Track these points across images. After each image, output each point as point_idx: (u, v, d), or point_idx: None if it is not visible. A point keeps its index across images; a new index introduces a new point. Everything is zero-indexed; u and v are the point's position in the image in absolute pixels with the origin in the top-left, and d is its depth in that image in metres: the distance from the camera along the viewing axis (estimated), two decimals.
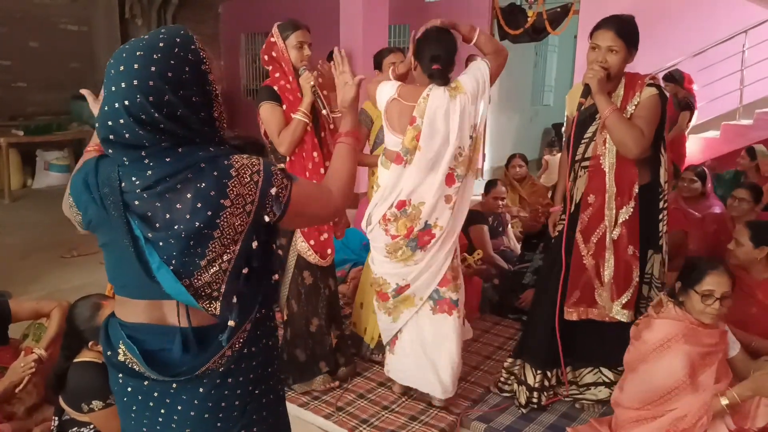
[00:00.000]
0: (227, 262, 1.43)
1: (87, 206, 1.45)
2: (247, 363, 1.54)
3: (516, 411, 3.20)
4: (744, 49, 6.83)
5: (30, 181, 8.92)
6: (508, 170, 6.16)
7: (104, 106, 1.38)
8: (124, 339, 1.47)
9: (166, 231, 1.36)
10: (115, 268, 1.49)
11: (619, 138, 2.77)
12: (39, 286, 4.91)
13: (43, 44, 9.88)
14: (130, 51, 1.37)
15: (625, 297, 2.96)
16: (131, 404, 1.54)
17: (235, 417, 1.54)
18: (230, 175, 1.40)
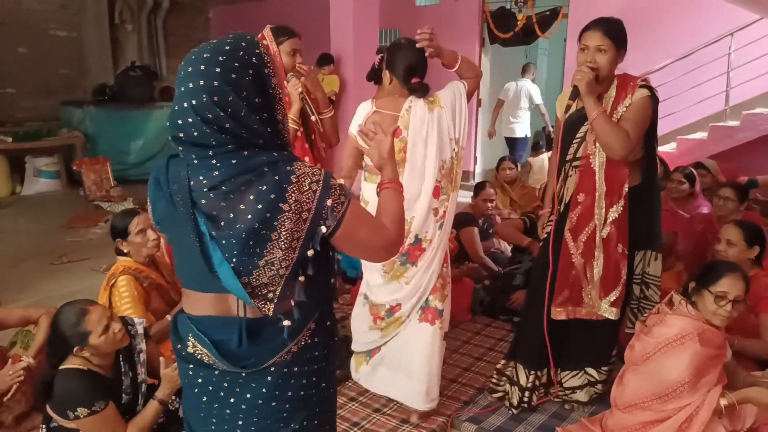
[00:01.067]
0: (285, 267, 1.50)
1: (156, 203, 1.56)
2: (311, 355, 1.64)
3: (506, 412, 3.21)
4: (730, 51, 6.86)
5: (19, 188, 8.87)
6: (498, 173, 6.18)
7: (174, 105, 1.47)
8: (193, 332, 1.57)
9: (228, 230, 1.45)
10: (182, 262, 1.61)
11: (605, 140, 2.79)
12: (29, 293, 4.88)
13: (32, 50, 9.87)
14: (199, 54, 1.46)
15: (614, 295, 2.98)
16: (202, 394, 1.63)
17: (299, 406, 1.64)
18: (290, 180, 1.48)
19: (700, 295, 2.65)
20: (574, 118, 2.99)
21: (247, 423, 1.62)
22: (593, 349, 3.17)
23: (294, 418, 1.64)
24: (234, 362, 1.54)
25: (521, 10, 8.71)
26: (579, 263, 3.00)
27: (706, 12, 7.16)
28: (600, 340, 3.14)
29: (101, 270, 5.41)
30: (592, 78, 2.76)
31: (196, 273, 1.52)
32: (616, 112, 2.83)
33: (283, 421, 1.63)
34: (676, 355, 2.58)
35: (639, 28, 7.32)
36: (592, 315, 3.03)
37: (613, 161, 2.86)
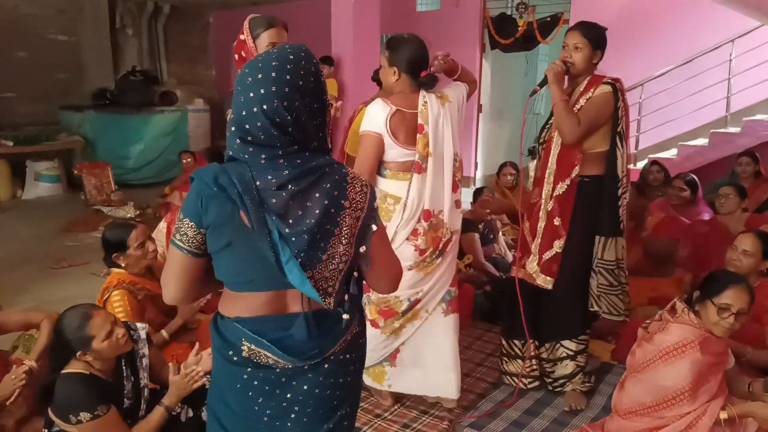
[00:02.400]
0: (344, 262, 1.60)
1: (210, 205, 1.54)
2: (359, 344, 1.78)
3: (508, 418, 3.20)
4: (731, 57, 6.88)
5: (20, 191, 8.86)
6: (499, 178, 6.19)
7: (242, 110, 1.54)
8: (247, 335, 1.61)
9: (297, 226, 1.52)
10: (239, 264, 1.59)
11: (558, 124, 3.11)
12: (28, 297, 4.87)
13: (31, 55, 9.89)
14: (266, 62, 1.54)
15: (543, 259, 3.20)
16: (257, 396, 1.67)
17: (348, 391, 1.76)
18: (347, 180, 1.62)
19: (703, 304, 2.64)
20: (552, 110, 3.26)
21: (300, 414, 1.69)
22: (563, 321, 3.32)
23: (343, 404, 1.75)
24: (297, 356, 1.62)
25: (522, 16, 8.72)
26: (527, 229, 3.33)
27: (706, 19, 7.18)
28: (567, 311, 3.29)
29: (101, 274, 5.39)
30: (561, 70, 3.09)
31: (258, 273, 1.58)
32: (578, 104, 3.08)
33: (332, 409, 1.72)
34: (676, 362, 2.57)
35: (639, 34, 7.36)
36: (531, 279, 3.26)
37: (566, 147, 3.12)
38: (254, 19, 2.89)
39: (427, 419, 3.18)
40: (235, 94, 1.56)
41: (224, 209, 1.53)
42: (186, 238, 1.57)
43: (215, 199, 1.53)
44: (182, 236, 1.58)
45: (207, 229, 1.57)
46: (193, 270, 1.62)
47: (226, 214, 1.53)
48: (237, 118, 1.55)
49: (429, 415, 3.21)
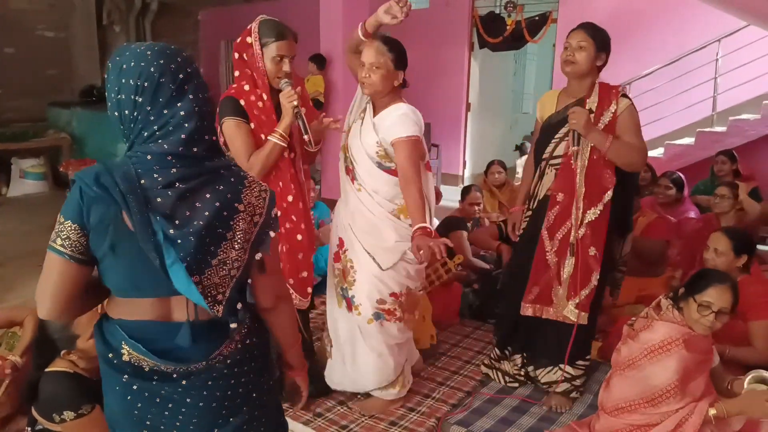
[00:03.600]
0: (236, 268, 1.53)
1: (91, 207, 1.44)
2: (250, 353, 1.66)
3: (495, 415, 3.21)
4: (717, 57, 6.92)
5: (5, 189, 8.78)
6: (487, 177, 6.20)
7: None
8: (126, 339, 1.52)
9: (185, 228, 1.44)
10: (124, 269, 1.49)
11: (625, 162, 2.96)
12: (15, 294, 4.83)
13: (19, 50, 9.81)
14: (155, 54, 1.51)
15: (579, 297, 3.05)
16: (136, 402, 1.57)
17: (239, 402, 1.65)
18: (244, 184, 1.56)
19: (686, 301, 2.64)
20: (554, 120, 3.09)
21: (185, 423, 1.60)
22: (564, 346, 3.19)
23: (235, 415, 1.65)
24: (178, 362, 1.53)
25: (510, 15, 8.73)
26: (553, 262, 3.09)
27: (693, 18, 7.22)
28: (570, 337, 3.17)
29: None
30: (587, 114, 2.87)
31: (143, 277, 1.49)
32: (600, 122, 2.94)
33: (223, 418, 1.63)
34: (662, 360, 2.58)
35: (627, 33, 7.39)
36: (558, 316, 3.11)
37: (596, 165, 2.95)
38: (265, 23, 2.75)
39: (415, 416, 3.19)
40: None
41: (107, 211, 1.44)
42: (69, 242, 1.45)
43: (97, 201, 1.43)
44: (64, 240, 1.45)
45: (90, 232, 1.46)
46: (74, 278, 1.48)
47: (109, 216, 1.44)
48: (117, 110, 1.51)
49: (416, 412, 3.22)
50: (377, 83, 2.85)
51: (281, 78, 2.77)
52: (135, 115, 1.48)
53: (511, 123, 11.54)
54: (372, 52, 2.84)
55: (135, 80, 1.45)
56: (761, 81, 6.75)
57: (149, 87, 1.46)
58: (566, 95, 3.09)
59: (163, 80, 1.46)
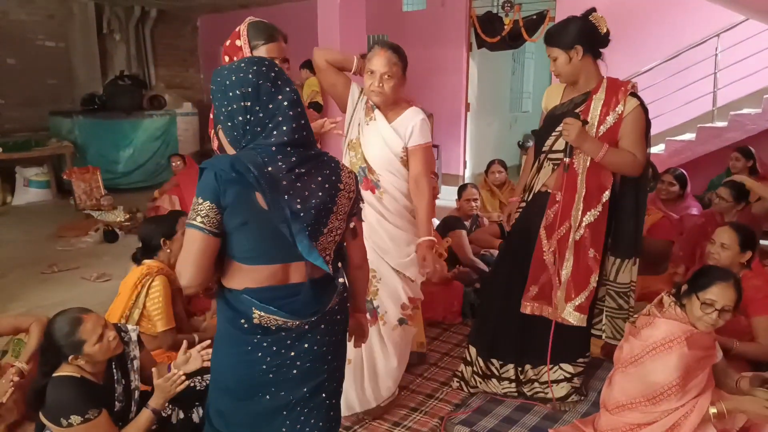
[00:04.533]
0: (338, 235, 1.93)
1: (228, 189, 1.73)
2: (345, 307, 2.06)
3: (498, 414, 3.22)
4: (717, 52, 6.92)
5: (10, 198, 8.83)
6: (487, 176, 6.21)
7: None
8: (257, 304, 1.82)
9: (305, 203, 1.79)
10: (254, 240, 1.80)
11: (617, 170, 2.95)
12: (19, 303, 4.86)
13: (20, 61, 9.87)
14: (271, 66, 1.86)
15: (579, 299, 3.03)
16: (265, 356, 1.89)
17: (338, 347, 2.04)
18: (340, 168, 1.94)
19: (689, 298, 2.64)
20: (556, 113, 3.06)
21: (300, 369, 1.93)
22: (564, 344, 3.20)
23: (334, 358, 2.02)
24: (302, 317, 1.86)
25: (508, 15, 8.74)
26: (549, 261, 3.06)
27: (692, 13, 7.22)
28: (571, 336, 3.18)
29: (92, 278, 5.41)
30: (577, 126, 2.83)
31: (270, 246, 1.81)
32: (606, 122, 2.90)
33: (326, 363, 1.98)
34: (663, 358, 2.58)
35: (626, 30, 7.38)
36: (556, 317, 3.08)
37: (596, 166, 2.92)
38: (254, 26, 2.72)
39: (418, 417, 3.20)
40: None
41: (241, 192, 1.74)
42: (207, 219, 1.72)
43: (233, 183, 1.73)
44: (203, 218, 1.72)
45: (224, 210, 1.74)
46: (212, 249, 1.77)
47: (243, 196, 1.74)
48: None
49: (420, 412, 3.24)
50: (389, 92, 2.92)
51: None
52: (248, 118, 1.79)
53: (510, 122, 11.56)
54: (384, 61, 2.88)
55: (239, 90, 1.77)
56: (761, 75, 6.74)
57: (253, 90, 1.77)
58: (572, 88, 3.05)
59: (260, 82, 1.78)
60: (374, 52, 2.91)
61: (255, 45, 2.70)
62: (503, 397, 3.34)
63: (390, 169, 3.00)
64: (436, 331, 4.26)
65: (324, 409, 2.03)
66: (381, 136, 2.97)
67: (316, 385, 1.98)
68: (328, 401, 2.04)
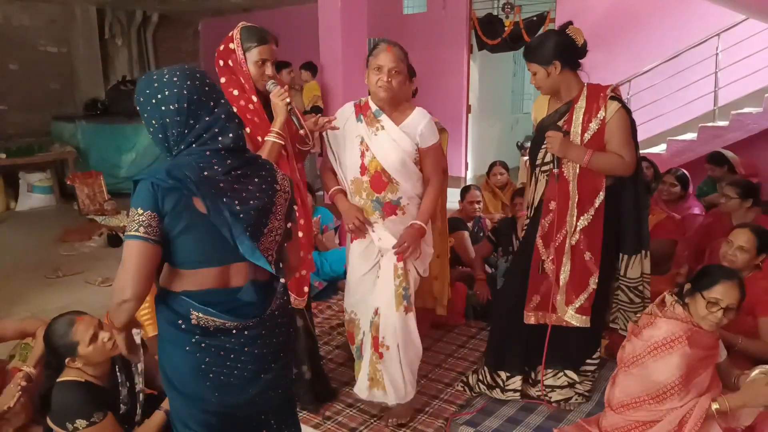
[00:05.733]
0: (279, 234, 1.97)
1: (166, 196, 1.74)
2: (287, 311, 2.06)
3: (503, 414, 3.23)
4: (717, 52, 6.93)
5: (13, 203, 8.85)
6: (489, 178, 6.22)
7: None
8: (194, 306, 1.83)
9: (244, 205, 1.82)
10: (195, 244, 1.81)
11: (607, 173, 2.97)
12: (24, 307, 4.88)
13: (22, 66, 9.91)
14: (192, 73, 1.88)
15: (579, 302, 3.06)
16: (204, 357, 1.87)
17: (281, 348, 2.02)
18: (275, 170, 2.00)
19: (693, 297, 2.64)
20: (545, 125, 3.10)
21: (242, 370, 1.91)
22: (568, 350, 3.24)
23: (276, 360, 2.00)
24: (241, 318, 1.87)
25: (508, 17, 8.77)
26: (550, 269, 3.10)
27: (692, 13, 7.24)
28: (574, 341, 3.20)
29: (96, 283, 5.43)
30: (559, 137, 2.93)
31: (212, 249, 1.82)
32: (589, 129, 2.95)
33: (268, 363, 1.97)
34: (665, 357, 2.58)
35: (626, 30, 7.42)
36: (560, 321, 3.12)
37: (587, 172, 2.97)
38: (246, 29, 2.83)
39: (423, 417, 3.21)
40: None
41: (180, 198, 1.75)
42: (150, 228, 1.72)
43: (171, 191, 1.74)
44: (145, 227, 1.72)
45: (164, 218, 1.75)
46: (152, 258, 1.75)
47: (183, 203, 1.76)
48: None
49: (425, 413, 3.24)
50: (396, 88, 2.93)
51: (266, 81, 2.82)
52: (184, 131, 1.80)
53: (511, 123, 11.58)
54: (392, 57, 2.90)
55: (174, 105, 1.77)
56: (762, 74, 6.76)
57: (189, 106, 1.78)
58: (555, 99, 3.10)
59: (195, 97, 1.79)
60: (381, 48, 2.91)
61: (248, 47, 2.80)
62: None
63: (406, 173, 3.00)
64: (439, 332, 4.27)
65: (280, 414, 2.12)
66: (393, 140, 2.97)
67: (261, 390, 1.97)
68: (280, 405, 2.10)
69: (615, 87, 3.03)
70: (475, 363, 3.83)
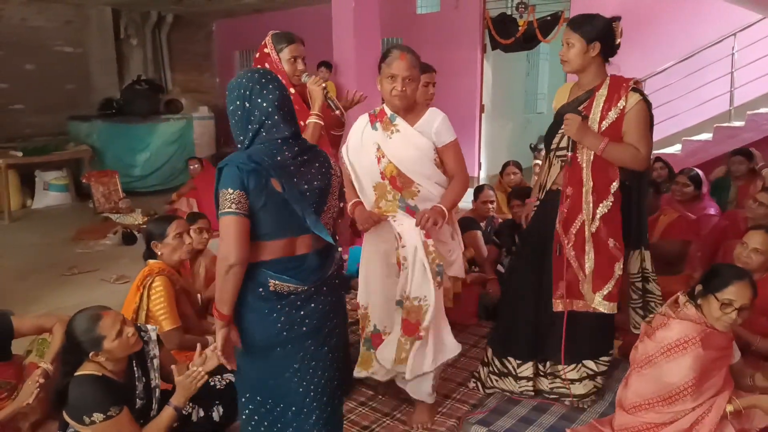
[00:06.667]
0: (334, 211, 2.35)
1: (249, 178, 2.08)
2: (339, 273, 2.48)
3: (516, 414, 3.22)
4: (733, 51, 6.89)
5: (29, 201, 8.95)
6: (502, 177, 6.21)
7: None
8: (270, 275, 2.18)
9: (310, 185, 2.21)
10: (272, 220, 2.15)
11: (620, 164, 2.96)
12: (40, 305, 4.92)
13: (38, 67, 10.00)
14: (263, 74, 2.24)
15: (607, 288, 3.04)
16: (280, 316, 2.23)
17: (337, 307, 2.43)
18: (327, 155, 2.35)
19: (705, 299, 2.63)
20: (563, 112, 3.08)
21: (309, 327, 2.28)
22: (589, 342, 3.21)
23: (335, 316, 2.40)
24: (307, 282, 2.22)
25: (522, 16, 8.75)
26: (571, 256, 3.08)
27: (708, 13, 7.20)
28: (595, 332, 3.19)
29: (111, 280, 5.47)
30: (580, 122, 2.92)
31: (282, 224, 2.16)
32: (608, 118, 2.94)
33: (329, 320, 2.35)
34: (678, 359, 2.58)
35: (640, 30, 7.37)
36: (588, 308, 3.10)
37: (601, 158, 2.96)
38: (276, 35, 3.22)
39: (436, 417, 3.21)
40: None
41: (260, 178, 2.09)
42: (239, 204, 2.06)
43: (252, 172, 2.08)
44: (237, 204, 2.06)
45: (249, 194, 2.08)
46: (247, 228, 2.10)
47: (262, 182, 2.09)
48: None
49: (437, 413, 3.24)
50: (411, 96, 2.94)
51: (300, 75, 3.21)
52: (245, 117, 2.16)
53: (525, 123, 11.55)
54: (405, 65, 2.88)
55: (236, 92, 2.16)
56: None
57: (246, 93, 2.16)
58: (578, 87, 3.11)
59: (251, 85, 2.16)
60: (394, 56, 2.89)
61: (280, 48, 3.20)
62: (520, 397, 3.35)
63: (425, 174, 2.99)
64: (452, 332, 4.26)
65: (327, 362, 2.38)
66: (410, 142, 2.97)
67: (321, 341, 2.34)
68: (331, 354, 2.38)
69: (638, 80, 3.02)
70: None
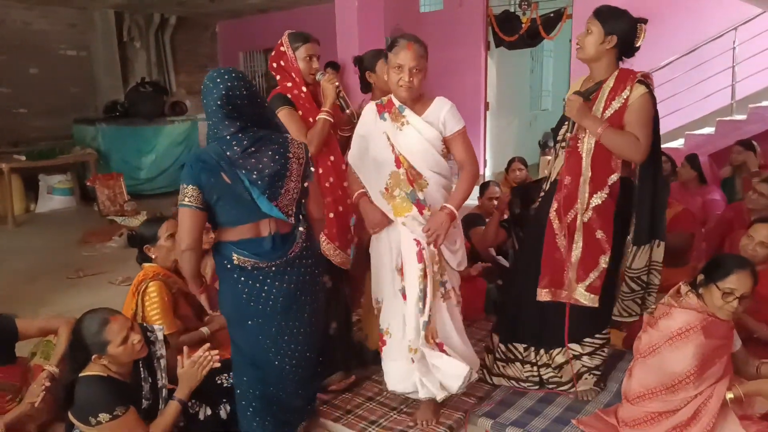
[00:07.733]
0: (296, 193, 2.55)
1: (201, 175, 2.40)
2: (308, 252, 2.66)
3: (522, 406, 3.23)
4: (735, 45, 6.88)
5: (33, 205, 8.98)
6: (508, 174, 6.20)
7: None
8: (234, 250, 2.50)
9: (260, 174, 2.44)
10: (230, 209, 2.47)
11: (618, 152, 2.93)
12: (47, 308, 4.94)
13: (42, 70, 10.03)
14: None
15: (590, 279, 3.03)
16: (244, 288, 2.54)
17: (309, 288, 2.67)
18: (288, 140, 2.59)
19: (707, 288, 2.65)
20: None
21: (276, 302, 2.57)
22: (570, 326, 3.20)
23: (304, 295, 2.65)
24: (267, 258, 2.51)
25: (525, 13, 8.74)
26: (562, 245, 3.08)
27: (709, 7, 7.20)
28: (574, 316, 3.17)
29: (117, 282, 5.50)
30: (581, 103, 2.92)
31: (241, 211, 2.47)
32: (611, 107, 2.94)
33: (296, 297, 2.61)
34: (680, 347, 2.60)
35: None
36: (570, 299, 3.10)
37: (602, 149, 2.95)
38: (292, 34, 3.31)
39: (443, 410, 3.21)
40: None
41: (211, 174, 2.40)
42: (192, 198, 2.39)
43: (203, 170, 2.40)
44: (189, 198, 2.40)
45: (203, 190, 2.40)
46: (200, 220, 2.44)
47: (213, 177, 2.40)
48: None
49: (443, 406, 3.25)
50: (417, 86, 2.88)
51: (314, 74, 3.29)
52: (213, 122, 2.46)
53: (530, 120, 11.55)
54: (413, 55, 2.82)
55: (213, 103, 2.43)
56: None
57: (217, 97, 2.42)
58: (589, 79, 3.11)
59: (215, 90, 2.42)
60: (401, 46, 2.84)
61: (296, 47, 3.28)
62: (526, 389, 3.36)
63: (433, 167, 2.94)
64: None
65: (301, 336, 2.66)
66: (418, 132, 2.91)
67: (293, 317, 2.62)
68: (303, 329, 2.67)
69: (646, 73, 3.00)
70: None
